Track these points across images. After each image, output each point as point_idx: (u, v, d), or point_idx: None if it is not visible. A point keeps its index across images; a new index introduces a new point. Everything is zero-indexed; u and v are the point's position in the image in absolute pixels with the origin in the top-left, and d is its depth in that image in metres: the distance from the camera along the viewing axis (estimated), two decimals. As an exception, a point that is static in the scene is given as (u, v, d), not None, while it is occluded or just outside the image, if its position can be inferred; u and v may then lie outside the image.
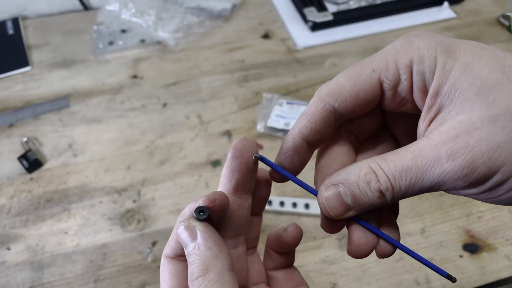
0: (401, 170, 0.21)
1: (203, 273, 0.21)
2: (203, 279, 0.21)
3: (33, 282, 0.53)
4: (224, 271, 0.21)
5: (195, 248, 0.22)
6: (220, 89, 0.75)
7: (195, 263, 0.21)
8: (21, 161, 0.63)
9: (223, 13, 0.87)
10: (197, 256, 0.21)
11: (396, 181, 0.21)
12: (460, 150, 0.19)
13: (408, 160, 0.21)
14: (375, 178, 0.21)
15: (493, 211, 0.59)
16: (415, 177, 0.21)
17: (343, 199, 0.23)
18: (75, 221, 0.58)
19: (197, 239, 0.22)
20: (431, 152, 0.20)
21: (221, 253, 0.22)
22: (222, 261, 0.21)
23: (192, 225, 0.22)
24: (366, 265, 0.54)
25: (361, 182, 0.22)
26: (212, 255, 0.21)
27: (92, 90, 0.75)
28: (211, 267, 0.21)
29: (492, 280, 0.53)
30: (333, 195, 0.23)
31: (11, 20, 0.86)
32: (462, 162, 0.19)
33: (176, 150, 0.66)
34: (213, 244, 0.22)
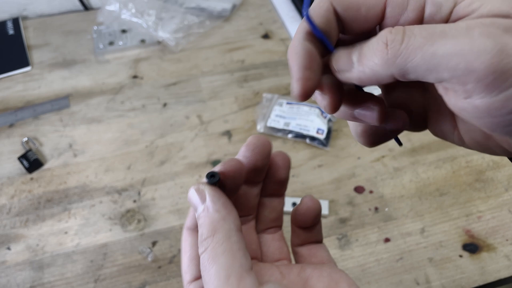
0: (424, 28, 0.18)
1: (211, 234, 0.21)
2: (211, 240, 0.21)
3: (33, 282, 0.53)
4: (232, 231, 0.21)
5: (204, 210, 0.22)
6: (220, 89, 0.75)
7: (204, 225, 0.22)
8: (21, 161, 0.63)
9: (223, 13, 0.87)
10: (206, 218, 0.22)
11: (411, 33, 0.18)
12: (495, 31, 0.17)
13: (438, 25, 0.18)
14: (388, 30, 0.19)
15: (492, 211, 0.59)
16: (437, 35, 0.17)
17: (351, 56, 0.21)
18: (75, 221, 0.58)
19: (206, 202, 0.22)
20: (463, 26, 0.17)
21: (229, 215, 0.22)
22: (230, 223, 0.22)
23: (202, 188, 0.23)
24: (366, 265, 0.54)
25: (373, 39, 0.20)
26: (220, 217, 0.22)
27: (92, 90, 0.75)
28: (218, 228, 0.21)
29: (492, 280, 0.53)
30: (344, 52, 0.21)
31: (11, 20, 0.86)
32: (493, 45, 0.16)
33: (176, 150, 0.66)
34: (221, 206, 0.22)
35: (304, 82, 0.20)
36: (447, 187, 0.61)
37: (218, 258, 0.21)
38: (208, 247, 0.21)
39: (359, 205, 0.59)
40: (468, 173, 0.63)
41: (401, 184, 0.62)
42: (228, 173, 0.24)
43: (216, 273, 0.20)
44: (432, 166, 0.64)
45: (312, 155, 0.65)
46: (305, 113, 0.68)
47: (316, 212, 0.28)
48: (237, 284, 0.20)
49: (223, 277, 0.20)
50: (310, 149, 0.66)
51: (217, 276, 0.20)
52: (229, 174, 0.24)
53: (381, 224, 0.58)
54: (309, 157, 0.64)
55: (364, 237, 0.57)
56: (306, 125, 0.66)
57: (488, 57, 0.16)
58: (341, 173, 0.63)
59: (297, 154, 0.64)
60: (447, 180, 0.62)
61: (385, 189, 0.61)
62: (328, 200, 0.59)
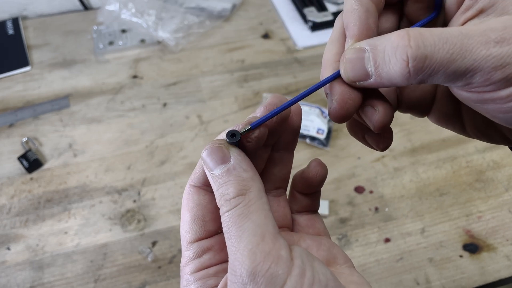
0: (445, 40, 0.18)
1: (241, 193, 0.20)
2: (242, 198, 0.20)
3: (33, 282, 0.53)
4: (261, 192, 0.21)
5: (228, 169, 0.21)
6: (220, 89, 0.75)
7: (230, 183, 0.21)
8: (21, 161, 0.63)
9: (223, 13, 0.87)
10: (230, 177, 0.21)
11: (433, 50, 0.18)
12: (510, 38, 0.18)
13: (455, 34, 0.19)
14: (407, 42, 0.19)
15: (492, 211, 0.59)
16: (457, 52, 0.18)
17: (364, 64, 0.21)
18: (75, 221, 0.58)
19: (231, 161, 0.21)
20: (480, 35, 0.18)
21: (256, 176, 0.21)
22: (258, 183, 0.21)
23: (225, 146, 0.22)
24: (366, 265, 0.54)
25: (388, 46, 0.19)
26: (249, 177, 0.21)
27: (92, 90, 0.75)
28: (250, 187, 0.21)
29: (492, 280, 0.53)
30: (356, 58, 0.21)
31: (11, 20, 0.86)
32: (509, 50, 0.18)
33: (176, 150, 0.66)
34: (248, 166, 0.22)
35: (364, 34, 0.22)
36: (447, 187, 0.61)
37: (252, 216, 0.20)
38: (239, 205, 0.20)
39: (359, 205, 0.59)
40: (468, 173, 0.63)
41: (401, 184, 0.62)
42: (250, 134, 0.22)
43: (251, 230, 0.19)
44: (432, 166, 0.64)
45: (312, 155, 0.65)
46: (305, 113, 0.68)
47: (323, 177, 0.27)
48: (273, 243, 0.19)
49: (259, 235, 0.19)
50: (310, 149, 0.66)
51: (252, 233, 0.19)
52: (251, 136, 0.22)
53: (381, 224, 0.58)
54: (309, 157, 0.64)
55: (364, 237, 0.56)
56: (306, 125, 0.66)
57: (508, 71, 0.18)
58: (341, 173, 0.63)
59: (297, 154, 0.64)
60: (447, 180, 0.62)
61: (385, 189, 0.61)
62: (328, 200, 0.59)
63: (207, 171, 0.22)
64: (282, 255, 0.19)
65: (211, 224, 0.24)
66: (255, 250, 0.19)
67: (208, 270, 0.23)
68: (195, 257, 0.23)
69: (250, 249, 0.19)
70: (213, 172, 0.21)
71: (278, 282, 0.18)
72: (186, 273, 0.23)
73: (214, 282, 0.23)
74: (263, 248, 0.19)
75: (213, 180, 0.21)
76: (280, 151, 0.27)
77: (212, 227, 0.24)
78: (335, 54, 0.24)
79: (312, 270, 0.19)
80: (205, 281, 0.23)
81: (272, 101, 0.24)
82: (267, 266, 0.18)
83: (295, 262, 0.19)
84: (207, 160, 0.21)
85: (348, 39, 0.23)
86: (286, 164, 0.28)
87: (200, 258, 0.23)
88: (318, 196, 0.28)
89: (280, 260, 0.19)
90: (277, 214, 0.27)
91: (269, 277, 0.18)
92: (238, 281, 0.19)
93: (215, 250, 0.24)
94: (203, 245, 0.24)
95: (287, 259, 0.19)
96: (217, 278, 0.23)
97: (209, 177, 0.22)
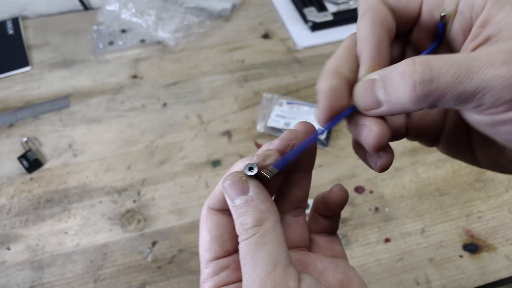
0: (450, 63, 0.19)
1: (258, 224, 0.22)
2: (259, 229, 0.22)
3: (33, 282, 0.53)
4: (277, 223, 0.22)
5: (247, 200, 0.22)
6: (220, 89, 0.75)
7: (248, 214, 0.22)
8: (21, 161, 0.63)
9: (223, 13, 0.87)
10: (249, 208, 0.22)
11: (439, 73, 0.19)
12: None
13: (461, 58, 0.19)
14: (412, 67, 0.19)
15: (493, 211, 0.59)
16: (463, 74, 0.19)
17: (376, 93, 0.22)
18: (75, 221, 0.58)
19: (250, 193, 0.23)
20: (486, 56, 0.19)
21: (273, 207, 0.23)
22: (275, 214, 0.23)
23: (244, 179, 0.23)
24: (366, 265, 0.54)
25: (396, 74, 0.20)
26: (266, 208, 0.22)
27: (92, 90, 0.75)
28: (266, 219, 0.22)
29: (492, 280, 0.53)
30: (367, 85, 0.22)
31: (11, 20, 0.86)
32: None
33: (176, 150, 0.66)
34: (266, 198, 0.23)
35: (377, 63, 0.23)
36: (447, 187, 0.61)
37: (266, 246, 0.21)
38: (256, 235, 0.21)
39: (359, 205, 0.59)
40: (468, 173, 0.63)
41: (401, 184, 0.62)
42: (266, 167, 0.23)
43: (264, 259, 0.21)
44: (432, 166, 0.64)
45: (312, 155, 0.65)
46: (305, 113, 0.68)
47: (345, 201, 0.28)
48: (283, 273, 0.20)
49: (271, 264, 0.21)
50: (310, 149, 0.66)
51: (264, 262, 0.21)
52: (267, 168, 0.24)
53: (381, 224, 0.58)
54: (309, 157, 0.64)
55: (364, 237, 0.56)
56: (306, 125, 0.66)
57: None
58: (341, 173, 0.63)
59: (297, 154, 0.64)
60: (447, 180, 0.62)
61: (385, 189, 0.61)
62: (328, 200, 0.59)
63: (229, 200, 0.23)
64: (290, 285, 0.20)
65: (229, 243, 0.25)
66: (266, 279, 0.20)
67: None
68: (213, 274, 0.25)
69: (262, 278, 0.20)
70: (234, 201, 0.23)
71: None
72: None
73: None
74: (274, 278, 0.20)
75: (233, 209, 0.23)
76: (298, 172, 0.28)
77: (230, 246, 0.25)
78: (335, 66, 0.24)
79: None
80: None
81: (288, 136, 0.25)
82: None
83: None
84: (229, 190, 0.23)
85: (361, 68, 0.23)
86: (304, 184, 0.28)
87: (218, 276, 0.24)
88: (338, 218, 0.29)
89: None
90: (295, 234, 0.28)
91: None
92: None
93: (232, 268, 0.25)
94: (221, 264, 0.25)
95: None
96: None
97: (230, 206, 0.23)
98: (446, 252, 0.55)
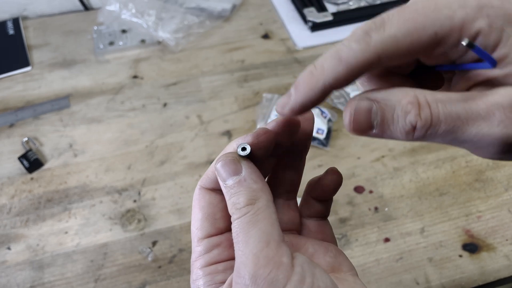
0: (448, 114, 0.19)
1: (251, 202, 0.22)
2: (252, 207, 0.22)
3: (33, 282, 0.53)
4: (270, 202, 0.23)
5: (240, 180, 0.23)
6: (220, 89, 0.75)
7: (241, 193, 0.22)
8: (22, 161, 0.63)
9: (223, 13, 0.87)
10: (242, 188, 0.23)
11: (438, 122, 0.19)
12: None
13: (460, 106, 0.19)
14: (417, 111, 0.19)
15: (492, 211, 0.59)
16: (458, 126, 0.19)
17: (370, 117, 0.21)
18: (75, 221, 0.58)
19: (242, 173, 0.23)
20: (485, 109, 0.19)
21: (265, 187, 0.23)
22: (267, 194, 0.23)
23: (237, 159, 0.23)
24: (365, 265, 0.54)
25: (399, 109, 0.20)
26: (259, 188, 0.23)
27: (92, 90, 0.75)
28: (258, 198, 0.22)
29: (492, 279, 0.53)
30: (364, 109, 0.21)
31: (11, 20, 0.86)
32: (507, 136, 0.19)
33: (176, 150, 0.66)
34: (258, 177, 0.23)
35: None
36: (447, 187, 0.61)
37: (259, 224, 0.21)
38: (248, 213, 0.22)
39: (359, 205, 0.60)
40: (468, 173, 0.63)
41: (401, 184, 0.62)
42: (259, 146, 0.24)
43: (257, 236, 0.21)
44: (432, 166, 0.64)
45: (312, 155, 0.65)
46: (305, 113, 0.68)
47: (338, 185, 0.28)
48: (276, 250, 0.21)
49: (264, 241, 0.21)
50: (310, 149, 0.66)
51: (257, 239, 0.21)
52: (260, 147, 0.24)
53: (381, 224, 0.58)
54: (309, 157, 0.64)
55: (364, 237, 0.57)
56: (306, 125, 0.66)
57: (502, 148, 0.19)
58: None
59: (297, 154, 0.64)
60: (446, 180, 0.62)
61: (385, 189, 0.61)
62: (328, 200, 0.59)
63: (221, 181, 0.23)
64: (283, 261, 0.20)
65: (221, 221, 0.25)
66: (259, 255, 0.20)
67: (217, 266, 0.24)
68: (205, 252, 0.25)
69: (255, 253, 0.20)
70: (226, 182, 0.23)
71: (278, 286, 0.20)
72: (196, 268, 0.25)
73: (222, 277, 0.24)
74: (267, 254, 0.20)
75: (225, 189, 0.23)
76: (292, 156, 0.28)
77: (222, 224, 0.25)
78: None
79: (312, 277, 0.20)
80: (213, 276, 0.24)
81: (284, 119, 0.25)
82: (268, 271, 0.20)
83: (296, 269, 0.20)
84: (221, 171, 0.23)
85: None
86: (297, 169, 0.29)
87: (210, 253, 0.25)
88: (330, 203, 0.29)
89: (281, 266, 0.20)
90: (287, 217, 0.28)
91: (270, 281, 0.20)
92: (241, 283, 0.20)
93: (224, 246, 0.25)
94: (212, 242, 0.25)
95: (288, 266, 0.20)
96: (225, 274, 0.24)
97: (222, 187, 0.23)
98: (445, 252, 0.55)
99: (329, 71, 0.20)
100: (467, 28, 0.20)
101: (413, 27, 0.20)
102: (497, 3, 0.20)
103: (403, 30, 0.20)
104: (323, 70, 0.21)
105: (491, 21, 0.19)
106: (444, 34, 0.20)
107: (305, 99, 0.21)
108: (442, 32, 0.20)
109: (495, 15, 0.19)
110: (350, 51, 0.20)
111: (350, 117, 0.21)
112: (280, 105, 0.23)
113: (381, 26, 0.20)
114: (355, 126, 0.21)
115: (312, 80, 0.21)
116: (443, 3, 0.20)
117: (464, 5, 0.20)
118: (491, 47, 0.20)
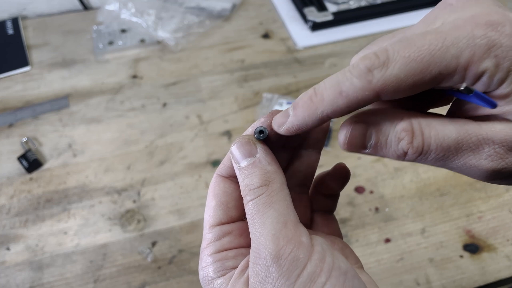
0: (440, 144, 0.20)
1: (265, 183, 0.22)
2: (266, 189, 0.22)
3: (32, 282, 0.53)
4: (284, 184, 0.23)
5: (254, 162, 0.23)
6: (220, 89, 0.75)
7: (255, 175, 0.22)
8: (21, 161, 0.63)
9: (223, 13, 0.87)
10: (256, 169, 0.23)
11: (428, 152, 0.21)
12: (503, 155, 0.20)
13: (451, 137, 0.20)
14: (410, 139, 0.21)
15: (493, 211, 0.59)
16: (447, 156, 0.20)
17: (365, 140, 0.22)
18: (74, 221, 0.58)
19: (257, 154, 0.23)
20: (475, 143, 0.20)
21: (279, 169, 0.23)
22: (281, 176, 0.23)
23: (252, 141, 0.24)
24: (366, 265, 0.54)
25: (392, 135, 0.21)
26: (273, 170, 0.23)
27: (92, 90, 0.75)
28: (273, 179, 0.22)
29: (493, 280, 0.52)
30: (359, 132, 0.22)
31: (10, 20, 0.86)
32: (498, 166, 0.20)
33: (176, 150, 0.66)
34: (272, 160, 0.24)
35: None
36: (448, 187, 0.61)
37: (274, 205, 0.21)
38: (263, 195, 0.22)
39: (359, 205, 0.59)
40: (469, 173, 0.63)
41: (401, 184, 0.62)
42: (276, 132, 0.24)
43: (274, 217, 0.21)
44: (433, 166, 0.63)
45: (312, 155, 0.65)
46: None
47: (346, 180, 0.29)
48: (294, 230, 0.21)
49: (281, 222, 0.21)
50: (310, 149, 0.65)
51: (275, 220, 0.21)
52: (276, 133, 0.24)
53: (382, 224, 0.58)
54: (309, 157, 0.64)
55: (364, 237, 0.56)
56: (306, 125, 0.66)
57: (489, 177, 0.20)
58: (341, 173, 0.63)
59: (297, 154, 0.64)
60: (447, 180, 0.62)
61: (385, 189, 0.61)
62: (328, 200, 0.59)
63: (234, 164, 0.24)
64: (303, 241, 0.20)
65: (233, 210, 0.26)
66: (278, 235, 0.20)
67: (227, 252, 0.25)
68: (215, 239, 0.25)
69: (274, 234, 0.20)
70: (239, 164, 0.23)
71: (299, 265, 0.20)
72: (206, 254, 0.25)
73: (233, 264, 0.24)
74: (286, 234, 0.20)
75: (239, 172, 0.23)
76: (308, 149, 0.28)
77: (234, 213, 0.26)
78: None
79: (332, 257, 0.21)
80: (224, 262, 0.24)
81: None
82: (290, 250, 0.20)
83: (315, 249, 0.21)
84: (235, 153, 0.24)
85: None
86: (312, 162, 0.29)
87: (221, 240, 0.25)
88: (337, 198, 0.30)
89: (302, 245, 0.20)
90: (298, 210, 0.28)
91: (291, 260, 0.20)
92: (262, 263, 0.20)
93: (235, 234, 0.25)
94: (224, 229, 0.25)
95: (308, 245, 0.20)
96: (235, 260, 0.24)
97: (236, 169, 0.24)
98: (446, 252, 0.55)
99: (329, 102, 0.21)
100: (473, 69, 0.19)
101: (417, 67, 0.19)
102: (507, 42, 0.19)
103: (407, 71, 0.19)
104: (323, 100, 0.21)
105: (498, 61, 0.19)
106: (448, 74, 0.20)
107: (302, 124, 0.22)
108: (446, 72, 0.19)
109: (503, 56, 0.19)
110: (351, 86, 0.20)
111: (345, 139, 0.22)
112: (276, 123, 0.23)
113: (384, 64, 0.20)
114: (349, 147, 0.22)
115: (311, 106, 0.21)
116: (451, 39, 0.19)
117: (473, 43, 0.19)
118: (495, 85, 0.20)
